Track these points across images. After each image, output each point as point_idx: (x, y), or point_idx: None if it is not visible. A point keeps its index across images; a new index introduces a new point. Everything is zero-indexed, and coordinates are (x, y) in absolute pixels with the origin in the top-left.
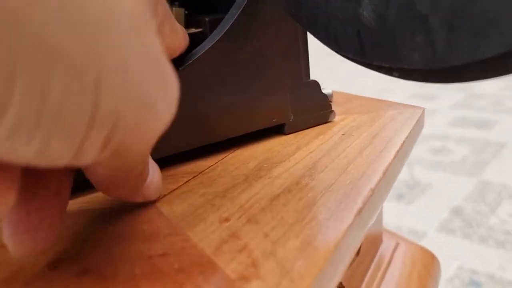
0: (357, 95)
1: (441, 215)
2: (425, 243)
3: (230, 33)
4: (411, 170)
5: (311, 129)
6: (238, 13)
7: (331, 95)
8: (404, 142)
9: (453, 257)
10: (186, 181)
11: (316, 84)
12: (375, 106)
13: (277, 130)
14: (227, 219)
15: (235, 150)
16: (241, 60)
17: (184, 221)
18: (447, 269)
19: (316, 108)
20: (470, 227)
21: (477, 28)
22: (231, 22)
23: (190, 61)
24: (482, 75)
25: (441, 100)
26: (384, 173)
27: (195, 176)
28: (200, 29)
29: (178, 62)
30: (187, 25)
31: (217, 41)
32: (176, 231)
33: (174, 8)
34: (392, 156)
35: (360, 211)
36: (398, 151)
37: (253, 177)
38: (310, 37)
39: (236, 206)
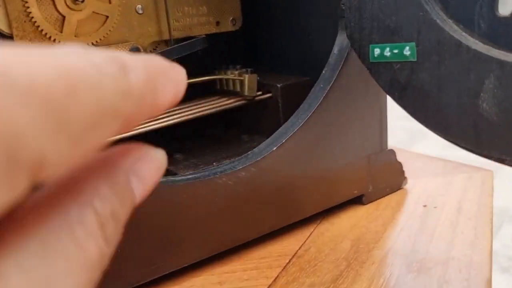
0: (416, 153)
1: None
2: None
3: (321, 108)
4: None
5: (387, 198)
6: (328, 88)
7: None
8: (491, 214)
9: None
10: (285, 266)
11: (392, 153)
12: (440, 167)
13: (355, 200)
14: None
15: (319, 223)
16: (331, 134)
17: None
18: None
19: (392, 177)
20: None
21: None
22: (321, 98)
23: (279, 144)
24: None
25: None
26: (491, 259)
27: (291, 259)
28: (269, 94)
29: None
30: (258, 90)
31: (308, 117)
32: None
33: (247, 76)
34: (490, 234)
35: None
36: (491, 229)
37: (356, 263)
38: None
39: None
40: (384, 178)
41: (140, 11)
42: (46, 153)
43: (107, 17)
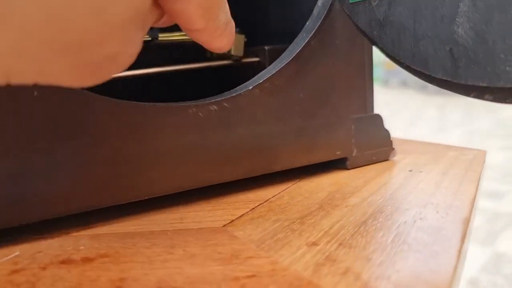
0: (410, 140)
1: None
2: None
3: (300, 57)
4: None
5: (374, 165)
6: (309, 37)
7: None
8: (479, 179)
9: None
10: (253, 208)
11: (379, 118)
12: (433, 148)
13: (338, 165)
14: (315, 243)
15: (298, 181)
16: (308, 85)
17: (264, 244)
18: None
19: (378, 144)
20: None
21: None
22: (302, 45)
23: (256, 84)
24: None
25: None
26: (473, 205)
27: (261, 203)
28: (257, 59)
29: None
30: (244, 54)
31: (286, 64)
32: (259, 254)
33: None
34: (474, 190)
35: (463, 238)
36: (477, 187)
37: (328, 206)
38: None
39: (320, 232)
40: (370, 143)
41: None
42: None
43: None
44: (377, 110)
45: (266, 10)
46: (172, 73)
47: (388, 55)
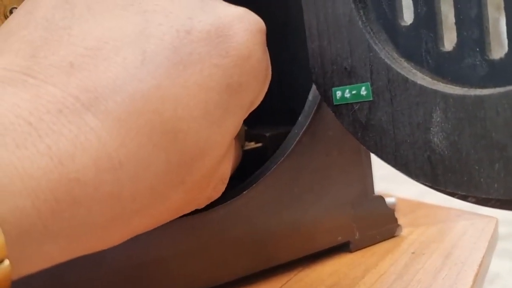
0: (422, 202)
1: None
2: None
3: (292, 155)
4: None
5: (378, 245)
6: (301, 133)
7: (395, 204)
8: (481, 263)
9: None
10: None
11: (381, 199)
12: (444, 215)
13: (342, 247)
14: None
15: (299, 272)
16: (303, 180)
17: None
18: None
19: (381, 224)
20: None
21: None
22: (294, 142)
23: (253, 185)
24: None
25: None
26: None
27: None
28: (260, 144)
29: (239, 182)
30: (246, 140)
31: (279, 164)
32: None
33: None
34: (471, 282)
35: None
36: (476, 275)
37: None
38: None
39: None
40: (373, 225)
41: None
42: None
43: None
44: None
45: None
46: None
47: (373, 152)
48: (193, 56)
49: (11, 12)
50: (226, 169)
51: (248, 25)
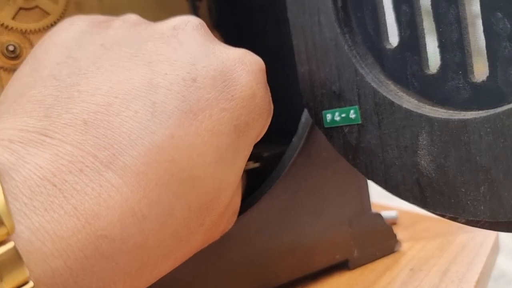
0: (423, 215)
1: None
2: None
3: (288, 175)
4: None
5: (377, 261)
6: (295, 155)
7: (396, 218)
8: (478, 279)
9: None
10: None
11: (378, 216)
12: (444, 228)
13: (342, 265)
14: None
15: None
16: (300, 200)
17: None
18: None
19: (380, 240)
20: None
21: None
22: (288, 166)
23: (249, 209)
24: None
25: None
26: None
27: None
28: (257, 164)
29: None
30: None
31: (275, 184)
32: None
33: None
34: None
35: None
36: None
37: None
38: None
39: None
40: (371, 242)
41: None
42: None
43: None
44: None
45: None
46: None
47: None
48: (201, 102)
49: (7, 49)
50: (237, 202)
51: (249, 66)
